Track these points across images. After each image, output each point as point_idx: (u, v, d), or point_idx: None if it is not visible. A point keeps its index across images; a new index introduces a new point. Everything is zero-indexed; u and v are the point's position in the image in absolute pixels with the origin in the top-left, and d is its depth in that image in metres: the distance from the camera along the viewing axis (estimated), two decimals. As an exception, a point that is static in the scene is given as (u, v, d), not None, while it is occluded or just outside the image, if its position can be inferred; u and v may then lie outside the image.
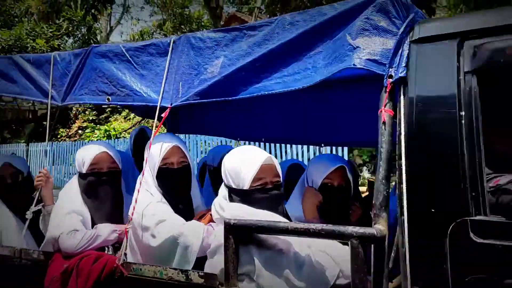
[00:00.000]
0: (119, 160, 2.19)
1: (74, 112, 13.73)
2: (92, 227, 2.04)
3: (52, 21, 10.20)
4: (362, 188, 6.09)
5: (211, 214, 1.76)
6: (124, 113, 13.05)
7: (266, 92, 1.69)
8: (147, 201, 1.88)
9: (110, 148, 2.20)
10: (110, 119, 13.17)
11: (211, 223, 1.81)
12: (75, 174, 2.28)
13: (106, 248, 1.99)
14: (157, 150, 1.95)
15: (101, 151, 2.11)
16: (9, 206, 2.41)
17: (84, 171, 2.10)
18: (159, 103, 1.89)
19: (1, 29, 11.06)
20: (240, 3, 28.19)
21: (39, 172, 2.26)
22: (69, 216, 1.99)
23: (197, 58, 1.86)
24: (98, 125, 12.62)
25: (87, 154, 2.12)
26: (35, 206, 2.18)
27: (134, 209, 1.83)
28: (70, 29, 13.37)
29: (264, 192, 1.61)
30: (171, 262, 1.74)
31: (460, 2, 9.27)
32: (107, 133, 11.79)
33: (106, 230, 1.99)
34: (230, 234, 1.46)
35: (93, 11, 8.91)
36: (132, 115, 12.70)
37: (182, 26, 21.60)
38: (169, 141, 1.99)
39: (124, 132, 11.89)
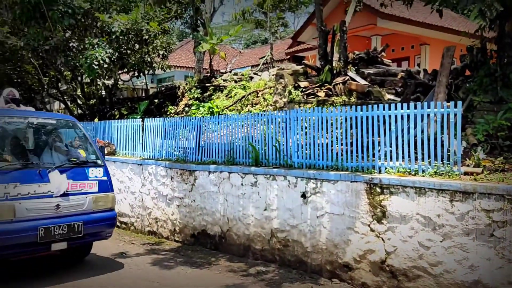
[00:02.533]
0: None
1: (181, 91, 14.62)
2: None
3: (164, 5, 10.86)
4: (477, 170, 5.72)
5: None
6: (225, 91, 13.57)
7: None
8: None
9: None
10: (213, 96, 13.77)
11: None
12: (183, 147, 2.54)
13: None
14: None
15: None
16: None
17: None
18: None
19: (120, 14, 12.08)
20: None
21: None
22: None
23: None
24: (202, 103, 13.29)
25: None
26: None
27: None
28: (179, 12, 14.13)
29: None
30: None
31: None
32: (211, 110, 12.37)
33: None
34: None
35: (200, -8, 9.34)
36: (233, 93, 13.17)
37: (281, 4, 21.62)
38: None
39: (226, 109, 12.38)
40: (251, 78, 14.30)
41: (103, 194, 6.64)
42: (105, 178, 6.71)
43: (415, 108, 6.15)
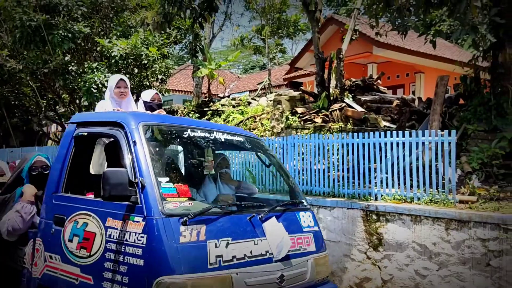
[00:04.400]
0: None
1: (179, 115, 14.72)
2: None
3: (164, 31, 11.06)
4: (472, 198, 5.75)
5: None
6: (223, 116, 13.67)
7: None
8: None
9: None
10: (211, 121, 13.86)
11: None
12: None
13: None
14: None
15: None
16: None
17: None
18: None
19: (120, 38, 12.25)
20: (337, 5, 27.94)
21: None
22: None
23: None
24: (200, 127, 13.31)
25: None
26: None
27: None
28: (178, 37, 14.37)
29: None
30: None
31: None
32: (208, 134, 12.41)
33: None
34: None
35: (200, 19, 9.53)
36: (231, 118, 13.26)
37: (279, 31, 22.04)
38: None
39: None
40: (249, 103, 14.43)
41: (321, 255, 4.06)
42: (316, 228, 4.15)
43: (410, 136, 6.22)
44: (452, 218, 5.33)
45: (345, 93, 11.20)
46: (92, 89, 11.40)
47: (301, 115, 10.74)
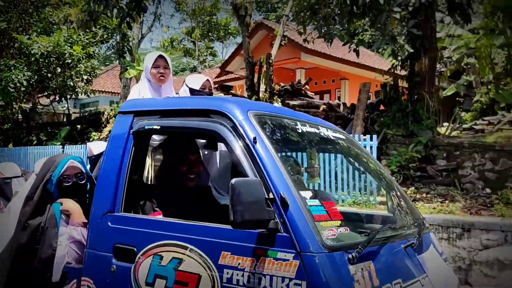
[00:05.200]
0: None
1: (105, 116, 14.15)
2: None
3: (89, 29, 10.61)
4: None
5: None
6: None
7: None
8: None
9: None
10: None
11: None
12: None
13: None
14: None
15: None
16: None
17: None
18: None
19: (41, 35, 11.58)
20: (267, 11, 28.48)
21: None
22: None
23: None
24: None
25: None
26: None
27: None
28: (105, 37, 13.87)
29: None
30: None
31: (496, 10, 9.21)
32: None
33: None
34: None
35: (128, 19, 9.26)
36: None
37: (210, 34, 22.03)
38: None
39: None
40: (179, 105, 14.22)
41: None
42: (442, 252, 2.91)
43: (336, 140, 6.49)
44: (373, 218, 5.64)
45: (274, 98, 11.45)
46: (9, 88, 10.68)
47: (231, 119, 10.81)
